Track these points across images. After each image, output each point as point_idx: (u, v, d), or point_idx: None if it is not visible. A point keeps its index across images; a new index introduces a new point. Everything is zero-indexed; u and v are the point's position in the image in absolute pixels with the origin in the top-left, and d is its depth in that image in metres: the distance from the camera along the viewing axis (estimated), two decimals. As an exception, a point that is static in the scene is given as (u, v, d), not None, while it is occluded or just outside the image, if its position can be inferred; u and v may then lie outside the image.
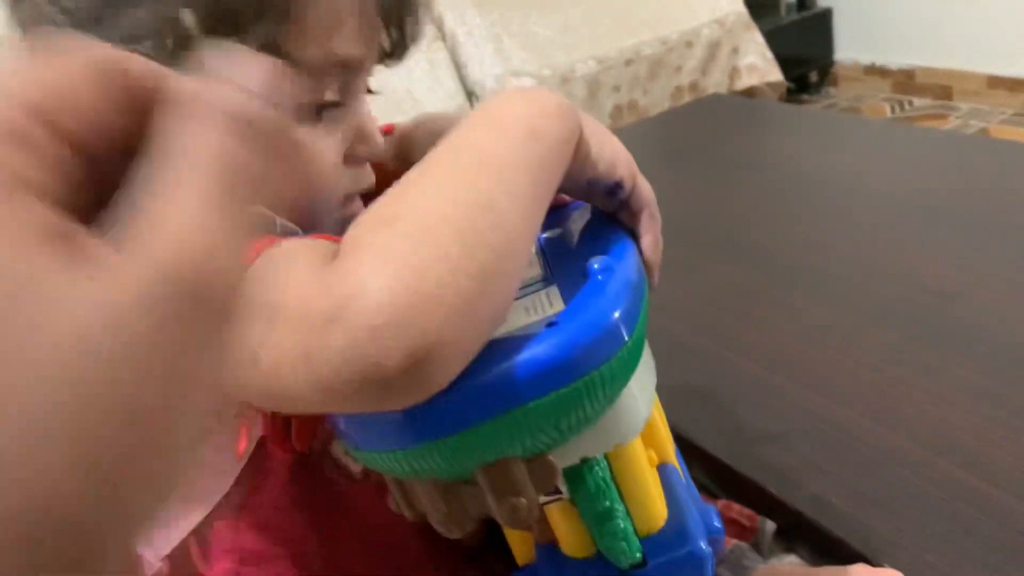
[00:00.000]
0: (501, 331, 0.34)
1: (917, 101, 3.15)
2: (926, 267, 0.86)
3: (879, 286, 0.85)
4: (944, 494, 0.58)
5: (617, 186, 0.42)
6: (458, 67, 2.65)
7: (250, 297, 0.31)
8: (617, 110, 2.68)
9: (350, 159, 0.47)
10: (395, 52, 0.48)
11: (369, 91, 0.49)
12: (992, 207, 0.97)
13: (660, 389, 0.69)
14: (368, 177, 0.49)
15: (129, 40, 0.40)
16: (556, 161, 0.37)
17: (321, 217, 0.46)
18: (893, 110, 3.13)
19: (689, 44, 2.76)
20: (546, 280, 0.39)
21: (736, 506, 0.63)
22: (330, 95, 0.44)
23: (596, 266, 0.37)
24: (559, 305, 0.36)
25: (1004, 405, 0.65)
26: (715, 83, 2.82)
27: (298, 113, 0.43)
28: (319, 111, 0.44)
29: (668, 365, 0.77)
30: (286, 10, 0.40)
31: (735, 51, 2.85)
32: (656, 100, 2.73)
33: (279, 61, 0.41)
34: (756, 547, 0.60)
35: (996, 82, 2.92)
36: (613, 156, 0.42)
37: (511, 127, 0.36)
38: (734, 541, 0.60)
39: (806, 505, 0.59)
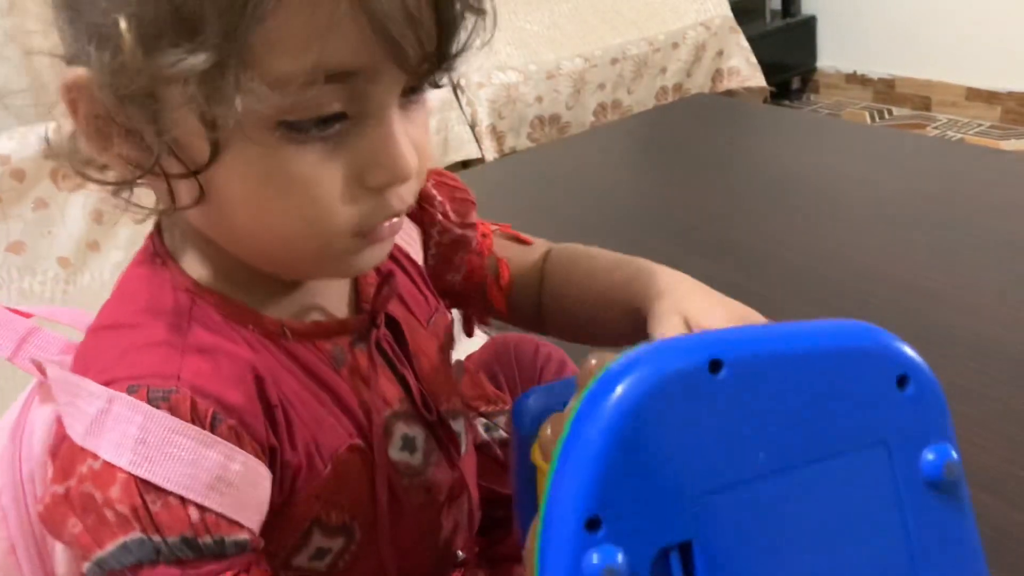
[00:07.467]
0: None
1: (897, 110, 3.19)
2: (907, 268, 0.87)
3: (860, 285, 0.85)
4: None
5: None
6: (444, 60, 2.64)
7: None
8: (601, 108, 2.68)
9: (363, 186, 0.40)
10: (425, 64, 0.38)
11: (435, 85, 0.41)
12: (971, 211, 0.98)
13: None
14: (397, 203, 0.41)
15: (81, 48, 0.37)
16: None
17: (322, 252, 0.41)
18: (873, 118, 3.16)
19: (675, 45, 2.77)
20: None
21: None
22: (331, 107, 0.37)
23: None
24: None
25: (982, 405, 0.65)
26: (699, 85, 2.83)
27: (288, 132, 0.37)
28: (321, 125, 0.38)
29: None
30: (258, 15, 0.33)
31: (720, 54, 2.87)
32: (640, 99, 2.74)
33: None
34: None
35: (974, 94, 2.96)
36: None
37: None
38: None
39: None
